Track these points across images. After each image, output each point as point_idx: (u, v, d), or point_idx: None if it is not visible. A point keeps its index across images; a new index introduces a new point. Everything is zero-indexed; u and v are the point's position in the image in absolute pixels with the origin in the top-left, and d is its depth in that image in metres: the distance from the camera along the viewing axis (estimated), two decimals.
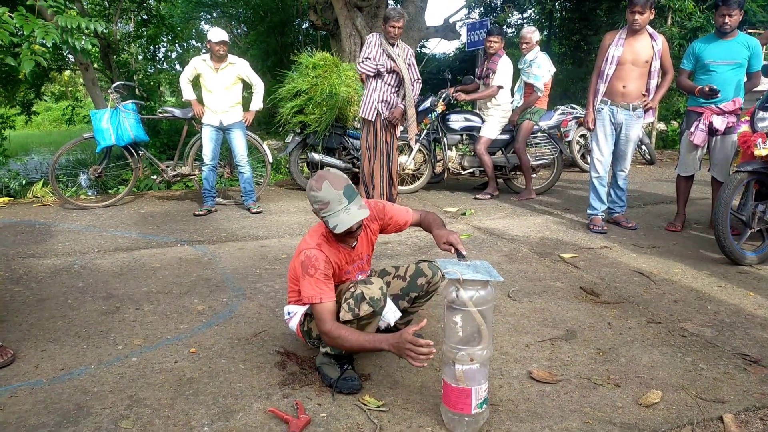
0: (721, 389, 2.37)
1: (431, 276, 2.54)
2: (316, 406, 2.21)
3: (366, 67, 5.25)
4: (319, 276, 2.23)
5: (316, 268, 2.23)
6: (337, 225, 2.19)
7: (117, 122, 5.51)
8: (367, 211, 2.26)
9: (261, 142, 6.09)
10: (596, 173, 4.79)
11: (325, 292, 2.22)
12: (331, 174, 2.25)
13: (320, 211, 2.23)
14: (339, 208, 2.19)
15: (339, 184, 2.21)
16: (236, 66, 5.40)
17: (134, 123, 5.61)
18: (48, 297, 3.33)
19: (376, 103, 5.32)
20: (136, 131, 5.62)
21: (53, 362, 2.55)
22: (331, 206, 2.19)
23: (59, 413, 2.16)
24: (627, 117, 4.63)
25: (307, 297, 2.22)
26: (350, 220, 2.19)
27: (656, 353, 2.68)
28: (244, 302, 3.27)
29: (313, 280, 2.22)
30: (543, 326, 2.97)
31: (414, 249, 4.34)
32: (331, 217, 2.20)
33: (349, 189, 2.23)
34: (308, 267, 2.24)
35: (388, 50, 5.22)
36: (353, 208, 2.21)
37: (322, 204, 2.20)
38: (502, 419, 2.14)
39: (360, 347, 2.16)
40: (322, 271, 2.24)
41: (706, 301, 3.32)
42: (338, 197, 2.19)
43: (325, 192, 2.19)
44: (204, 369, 2.49)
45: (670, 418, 2.16)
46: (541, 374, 2.46)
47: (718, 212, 3.82)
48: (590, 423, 2.12)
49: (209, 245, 4.46)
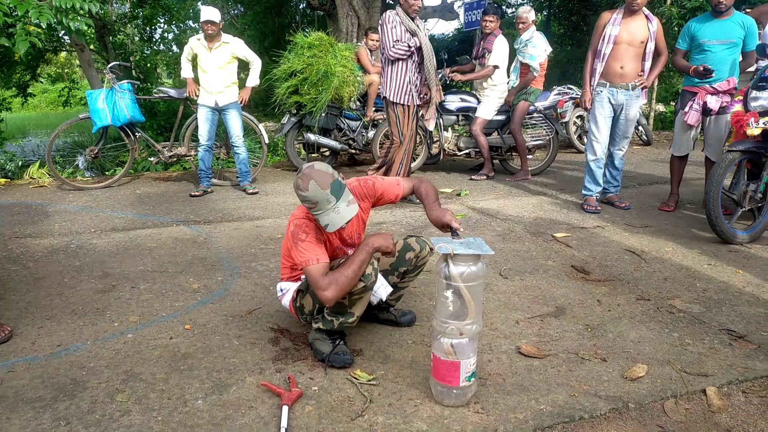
0: (705, 363, 2.41)
1: (419, 250, 2.57)
2: (308, 380, 2.25)
3: (399, 50, 4.74)
4: (310, 239, 2.26)
5: (306, 233, 2.26)
6: (327, 225, 2.20)
7: (113, 102, 5.50)
8: (356, 207, 2.25)
9: (257, 123, 6.08)
10: (593, 155, 4.79)
11: (320, 254, 2.24)
12: (316, 171, 2.20)
13: (310, 209, 2.23)
14: (328, 207, 2.18)
15: (325, 182, 2.17)
16: (230, 45, 5.37)
17: (130, 103, 5.60)
18: (45, 276, 3.37)
19: (410, 86, 4.89)
20: (132, 111, 5.61)
21: (50, 339, 2.59)
22: (319, 206, 2.19)
23: (56, 387, 2.20)
24: (627, 97, 4.62)
25: (303, 261, 2.21)
26: (340, 220, 2.20)
27: (644, 329, 2.72)
28: (238, 281, 3.31)
29: (306, 244, 2.24)
30: (533, 303, 3.01)
31: (408, 229, 4.37)
32: (321, 216, 2.20)
33: (336, 185, 2.20)
34: (299, 233, 2.26)
35: (410, 26, 4.76)
36: (342, 206, 2.20)
37: (310, 204, 2.20)
38: (489, 392, 2.18)
39: (359, 267, 2.18)
40: (313, 236, 2.27)
41: (696, 279, 3.36)
42: (326, 197, 2.17)
43: (312, 192, 2.16)
44: (198, 345, 2.54)
45: (654, 391, 2.20)
46: (530, 349, 2.50)
47: (709, 191, 3.85)
48: (576, 396, 2.17)
49: (205, 225, 4.48)
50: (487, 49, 6.12)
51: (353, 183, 2.50)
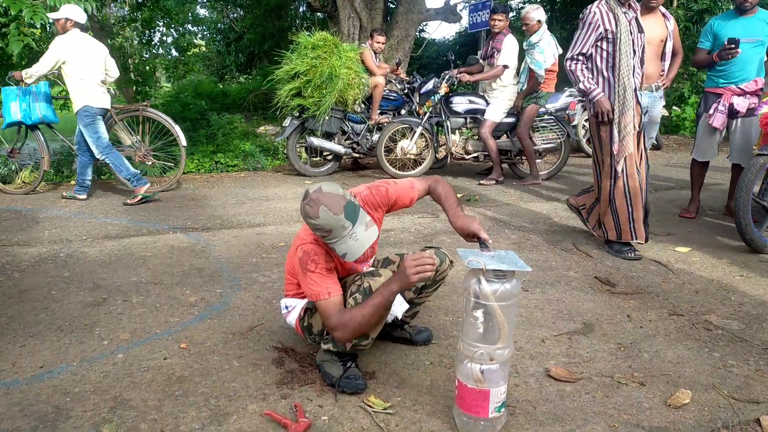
0: (754, 388, 2.19)
1: (438, 264, 2.33)
2: (317, 408, 2.02)
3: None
4: (320, 270, 2.02)
5: (316, 262, 2.02)
6: (346, 254, 1.96)
7: (27, 101, 5.31)
8: (376, 230, 2.01)
9: (173, 124, 5.68)
10: None
11: (331, 286, 2.01)
12: (324, 195, 1.93)
13: (324, 238, 1.98)
14: (344, 234, 1.94)
15: (338, 206, 1.92)
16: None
17: (44, 103, 5.38)
18: (31, 287, 3.13)
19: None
20: (45, 111, 5.39)
21: (32, 359, 2.36)
22: (334, 233, 1.94)
23: (36, 417, 1.97)
24: (651, 99, 4.43)
25: (314, 294, 2.00)
26: (359, 248, 1.95)
27: (681, 348, 2.50)
28: (239, 293, 3.08)
29: (316, 276, 2.01)
30: (558, 319, 2.78)
31: (418, 237, 4.14)
32: (337, 245, 1.96)
33: (350, 208, 1.94)
34: (307, 263, 2.02)
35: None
36: (359, 230, 1.96)
37: (324, 232, 1.95)
38: (520, 422, 1.95)
39: (375, 312, 1.94)
40: (323, 265, 2.04)
41: (729, 292, 3.13)
42: (340, 223, 1.92)
43: (324, 219, 1.91)
44: (195, 367, 2.30)
45: (703, 421, 1.98)
46: (560, 372, 2.27)
47: (739, 198, 3.62)
48: (616, 426, 1.94)
49: (203, 233, 4.26)
50: (496, 48, 5.92)
51: (364, 192, 2.25)
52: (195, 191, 5.83)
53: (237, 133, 8.10)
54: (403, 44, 9.40)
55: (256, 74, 14.51)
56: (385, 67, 6.65)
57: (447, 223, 4.28)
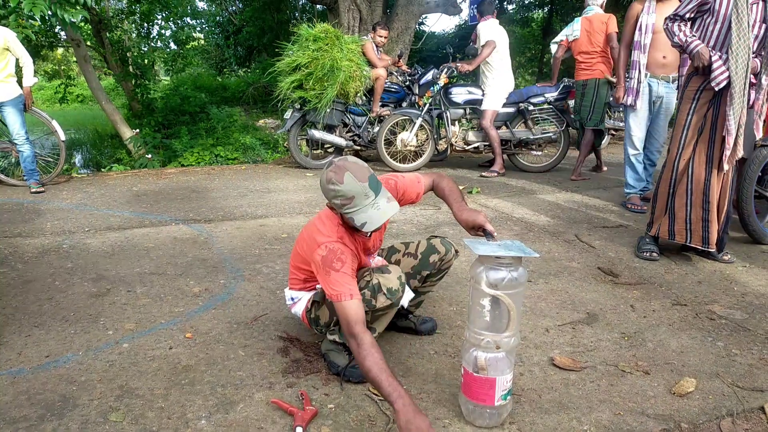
0: (758, 376, 2.20)
1: (444, 253, 2.34)
2: (323, 397, 2.03)
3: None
4: (346, 270, 1.96)
5: (343, 262, 1.96)
6: (366, 223, 1.91)
7: None
8: (396, 204, 1.98)
9: (50, 119, 5.65)
10: (635, 150, 4.56)
11: (353, 288, 1.94)
12: (351, 163, 1.93)
13: (343, 206, 1.94)
14: (366, 203, 1.91)
15: (363, 175, 1.91)
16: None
17: None
18: (34, 278, 3.13)
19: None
20: None
21: (38, 349, 2.36)
22: (356, 201, 1.91)
23: (43, 405, 1.97)
24: (667, 90, 4.41)
25: (336, 295, 1.90)
26: (380, 217, 1.91)
27: (685, 337, 2.50)
28: (242, 284, 3.08)
29: (340, 275, 1.94)
30: (562, 309, 2.79)
31: (420, 228, 4.14)
32: (358, 214, 1.92)
33: (374, 180, 1.94)
34: (333, 261, 1.96)
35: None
36: (382, 201, 1.94)
37: (345, 199, 1.92)
38: (525, 410, 1.96)
39: (372, 379, 1.76)
40: (350, 265, 1.98)
41: (732, 282, 3.14)
42: (364, 191, 1.90)
43: (348, 185, 1.89)
44: (201, 356, 2.31)
45: (708, 409, 1.98)
46: (564, 361, 2.28)
47: (742, 189, 3.63)
48: (621, 414, 1.95)
49: (206, 224, 4.25)
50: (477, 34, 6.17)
51: None
52: (196, 183, 5.83)
53: (237, 126, 8.10)
54: (403, 37, 9.36)
55: (255, 67, 14.47)
56: (386, 59, 6.63)
57: (449, 215, 4.29)
